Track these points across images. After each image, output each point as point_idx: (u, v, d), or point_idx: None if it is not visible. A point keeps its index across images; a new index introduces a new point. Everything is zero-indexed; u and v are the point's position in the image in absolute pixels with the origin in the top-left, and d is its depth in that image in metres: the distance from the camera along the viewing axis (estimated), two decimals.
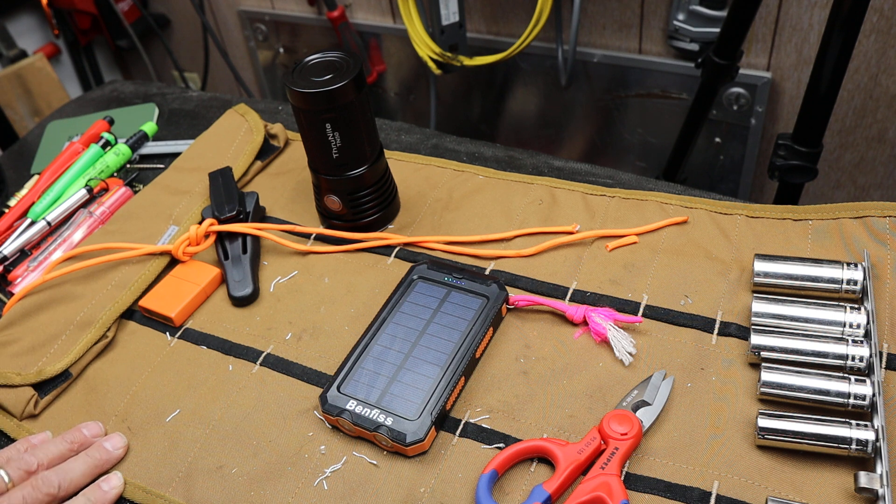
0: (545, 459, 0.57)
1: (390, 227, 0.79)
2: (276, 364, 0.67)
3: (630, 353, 0.62)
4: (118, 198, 0.89)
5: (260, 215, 0.82)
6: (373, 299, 0.71)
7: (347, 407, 0.59)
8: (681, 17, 1.31)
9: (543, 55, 1.48)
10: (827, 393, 0.56)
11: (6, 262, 0.83)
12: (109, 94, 1.15)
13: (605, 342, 0.64)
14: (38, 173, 0.97)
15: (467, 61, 1.40)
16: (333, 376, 0.62)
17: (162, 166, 0.95)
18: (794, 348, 0.59)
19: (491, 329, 0.64)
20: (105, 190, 0.91)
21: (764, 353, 0.59)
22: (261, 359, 0.68)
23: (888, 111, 1.26)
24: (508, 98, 1.62)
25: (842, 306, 0.61)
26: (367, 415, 0.58)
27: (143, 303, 0.74)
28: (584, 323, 0.65)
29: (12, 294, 0.80)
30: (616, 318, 0.64)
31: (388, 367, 0.62)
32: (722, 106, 1.34)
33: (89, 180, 0.91)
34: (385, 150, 0.88)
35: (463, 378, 0.61)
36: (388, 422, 0.57)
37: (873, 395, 0.54)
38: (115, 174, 0.95)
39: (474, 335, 0.62)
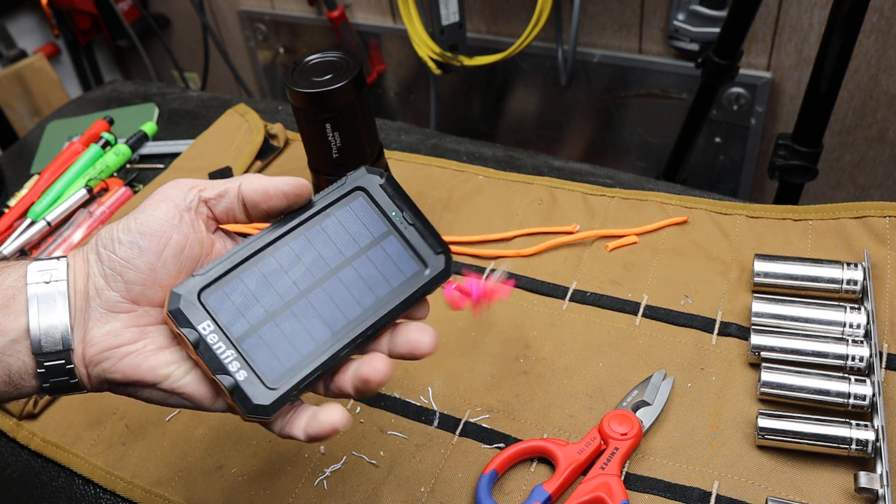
0: (545, 459, 0.57)
1: None
2: None
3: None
4: (118, 198, 0.89)
5: None
6: None
7: (199, 327, 0.42)
8: (681, 17, 1.31)
9: (543, 55, 1.48)
10: (827, 393, 0.56)
11: (6, 262, 0.83)
12: (109, 94, 1.15)
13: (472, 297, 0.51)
14: (38, 173, 0.97)
15: (467, 61, 1.40)
16: (201, 270, 0.43)
17: (162, 166, 0.95)
18: (794, 348, 0.59)
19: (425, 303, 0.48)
20: (105, 190, 0.91)
21: (764, 353, 0.59)
22: None
23: (888, 111, 1.26)
24: (508, 98, 1.62)
25: (842, 306, 0.61)
26: (218, 352, 0.42)
27: None
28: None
29: None
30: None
31: (271, 296, 0.45)
32: (722, 106, 1.34)
33: (89, 180, 0.91)
34: (385, 150, 0.88)
35: (361, 352, 0.46)
36: (240, 376, 0.42)
37: (873, 395, 0.54)
38: (115, 174, 0.95)
39: (390, 311, 0.46)
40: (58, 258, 0.43)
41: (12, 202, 0.93)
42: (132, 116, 1.05)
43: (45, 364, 0.41)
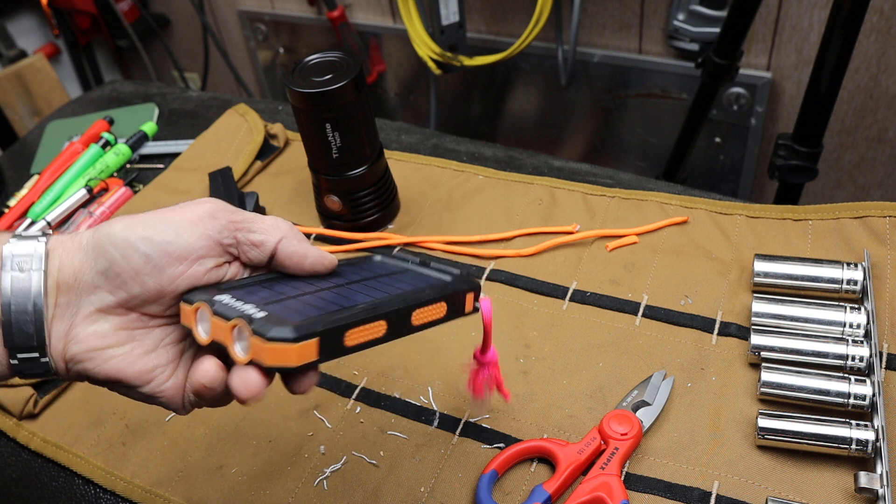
0: (545, 459, 0.57)
1: (390, 227, 0.79)
2: None
3: None
4: (118, 198, 0.89)
5: None
6: None
7: (215, 297, 0.41)
8: (681, 17, 1.31)
9: (543, 55, 1.48)
10: (827, 393, 0.56)
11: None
12: (109, 94, 1.15)
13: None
14: (38, 173, 0.97)
15: (467, 61, 1.40)
16: (224, 286, 0.43)
17: (162, 166, 0.95)
18: (794, 348, 0.59)
19: (444, 306, 0.46)
20: (105, 190, 0.91)
21: (764, 353, 0.59)
22: None
23: (888, 111, 1.26)
24: (508, 98, 1.62)
25: (842, 306, 0.61)
26: (234, 305, 0.40)
27: None
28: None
29: None
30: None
31: (290, 290, 0.43)
32: (722, 106, 1.34)
33: (89, 180, 0.91)
34: (385, 150, 0.88)
35: (385, 324, 0.42)
36: (258, 314, 0.39)
37: (873, 395, 0.54)
38: (115, 174, 0.95)
39: (416, 295, 0.44)
40: (38, 238, 0.40)
41: (12, 202, 0.93)
42: (132, 116, 1.05)
43: (19, 356, 0.39)
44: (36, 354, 0.40)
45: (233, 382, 0.39)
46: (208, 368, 0.40)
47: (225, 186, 0.82)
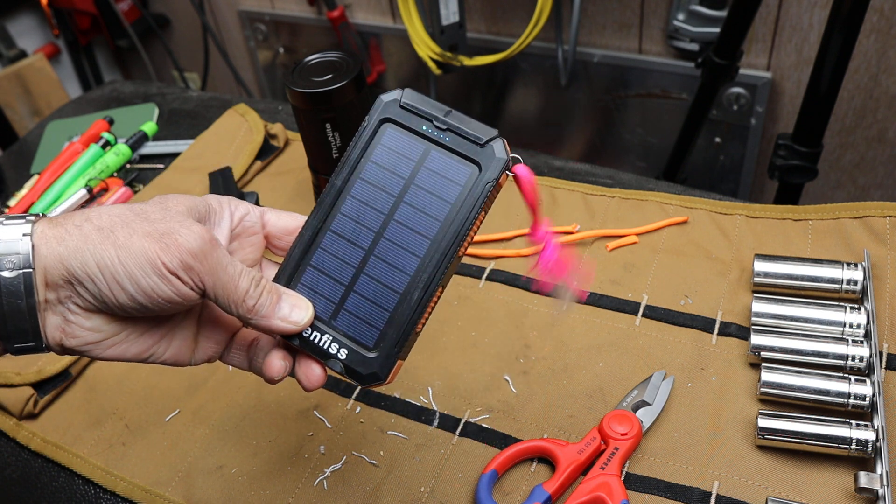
0: (545, 459, 0.57)
1: None
2: None
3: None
4: (118, 198, 0.89)
5: None
6: None
7: None
8: (681, 17, 1.31)
9: (543, 55, 1.48)
10: (827, 393, 0.56)
11: None
12: (109, 94, 1.15)
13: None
14: (38, 173, 0.97)
15: (467, 61, 1.40)
16: (277, 275, 0.46)
17: (162, 166, 0.95)
18: (793, 348, 0.59)
19: (482, 214, 0.45)
20: (105, 190, 0.91)
21: (764, 353, 0.59)
22: None
23: (888, 111, 1.26)
24: (508, 98, 1.62)
25: (842, 306, 0.61)
26: (316, 340, 0.44)
27: None
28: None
29: None
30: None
31: (343, 268, 0.45)
32: (722, 106, 1.34)
33: (89, 180, 0.91)
34: None
35: (440, 289, 0.44)
36: (342, 355, 0.44)
37: (873, 395, 0.54)
38: (115, 174, 0.95)
39: (458, 227, 0.44)
40: (21, 232, 0.39)
41: (12, 202, 0.93)
42: (132, 116, 1.05)
43: (16, 346, 0.40)
44: (32, 344, 0.40)
45: (298, 374, 0.45)
46: (279, 367, 0.44)
47: (225, 186, 0.82)
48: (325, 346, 0.44)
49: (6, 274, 0.38)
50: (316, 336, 0.44)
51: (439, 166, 0.45)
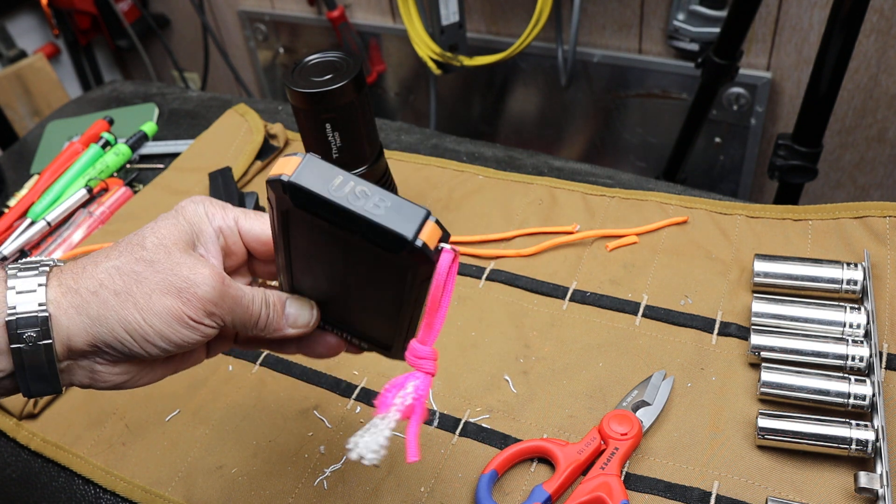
0: (545, 459, 0.57)
1: None
2: (276, 364, 0.67)
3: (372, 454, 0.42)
4: (118, 198, 0.89)
5: None
6: None
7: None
8: (681, 17, 1.31)
9: (543, 55, 1.48)
10: (827, 393, 0.56)
11: (6, 263, 0.83)
12: (109, 94, 1.15)
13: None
14: (38, 173, 0.97)
15: (467, 61, 1.40)
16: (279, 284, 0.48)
17: (162, 166, 0.95)
18: (793, 348, 0.59)
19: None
20: (105, 190, 0.91)
21: (764, 353, 0.59)
22: (261, 359, 0.68)
23: (888, 111, 1.26)
24: (508, 98, 1.62)
25: (842, 306, 0.61)
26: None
27: None
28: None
29: None
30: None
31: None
32: (722, 106, 1.34)
33: (89, 180, 0.91)
34: (385, 150, 0.88)
35: None
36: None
37: (873, 395, 0.54)
38: (115, 174, 0.95)
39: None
40: (38, 303, 0.40)
41: (12, 202, 0.93)
42: (132, 116, 1.05)
43: (34, 394, 0.42)
44: (52, 391, 0.42)
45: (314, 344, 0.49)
46: (334, 344, 0.49)
47: (225, 186, 0.82)
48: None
49: (26, 348, 0.40)
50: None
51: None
